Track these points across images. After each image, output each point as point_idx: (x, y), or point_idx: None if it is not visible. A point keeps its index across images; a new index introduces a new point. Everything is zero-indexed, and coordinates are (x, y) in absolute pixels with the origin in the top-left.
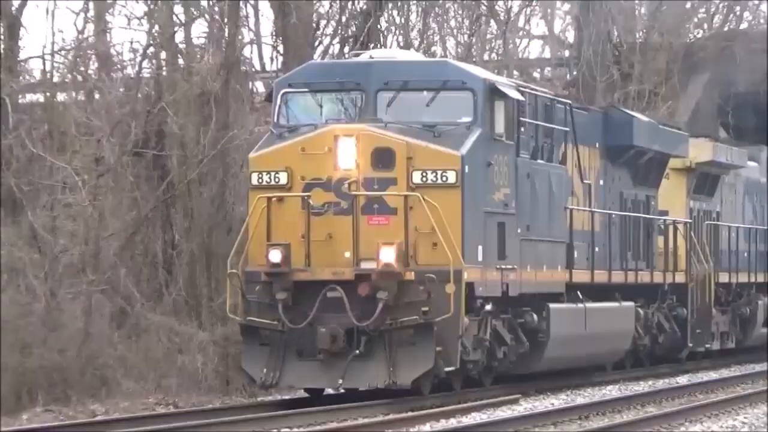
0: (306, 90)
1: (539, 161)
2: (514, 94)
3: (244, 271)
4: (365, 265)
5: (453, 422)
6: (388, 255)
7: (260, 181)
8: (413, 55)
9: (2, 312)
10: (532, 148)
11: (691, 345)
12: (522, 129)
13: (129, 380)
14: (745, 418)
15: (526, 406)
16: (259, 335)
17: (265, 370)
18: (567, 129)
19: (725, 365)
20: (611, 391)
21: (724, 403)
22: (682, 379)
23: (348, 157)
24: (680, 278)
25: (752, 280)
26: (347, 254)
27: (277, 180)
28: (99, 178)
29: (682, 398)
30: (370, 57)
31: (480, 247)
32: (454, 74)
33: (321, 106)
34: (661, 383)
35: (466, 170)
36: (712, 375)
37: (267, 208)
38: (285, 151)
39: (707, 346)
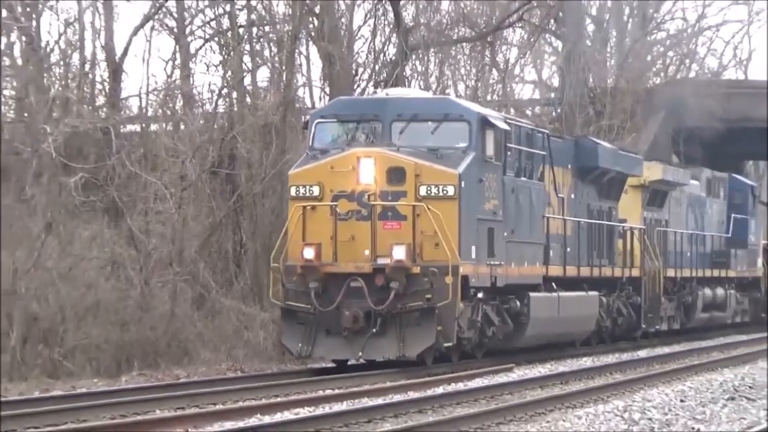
0: (335, 120)
1: (522, 178)
2: (502, 125)
3: (284, 265)
4: (381, 261)
5: (461, 385)
6: (399, 253)
7: (297, 192)
8: (421, 93)
9: (106, 297)
10: (516, 168)
11: (644, 326)
12: (508, 152)
13: (206, 351)
14: (691, 384)
15: (518, 373)
16: (295, 316)
17: (300, 344)
18: (544, 153)
19: (673, 343)
20: (586, 362)
21: (676, 372)
22: (642, 353)
23: (368, 174)
24: (636, 273)
25: (693, 275)
26: (366, 252)
27: (311, 192)
28: (183, 191)
29: (642, 368)
30: (386, 94)
31: (473, 247)
32: (454, 108)
33: (346, 133)
34: (626, 356)
35: (462, 185)
36: (665, 350)
37: (303, 215)
38: (317, 169)
39: (657, 327)
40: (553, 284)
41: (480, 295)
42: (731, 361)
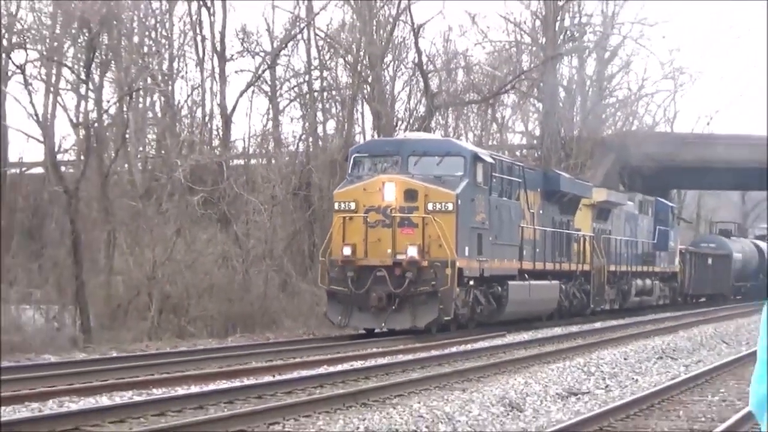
0: (367, 154)
1: (503, 198)
2: (488, 159)
3: (329, 259)
4: (399, 257)
5: (469, 346)
6: (412, 251)
7: (340, 207)
8: (429, 135)
9: (218, 281)
10: (499, 190)
11: (592, 306)
12: (493, 179)
13: (288, 320)
14: (631, 347)
15: (510, 338)
16: (336, 297)
17: (339, 317)
18: (520, 180)
19: (615, 318)
20: (557, 331)
21: (620, 339)
22: (597, 325)
23: (390, 194)
24: (587, 267)
25: (628, 269)
26: (389, 250)
27: (349, 207)
28: (273, 207)
29: (596, 335)
30: (405, 136)
31: (467, 248)
32: (453, 147)
33: (375, 164)
34: (588, 327)
35: (459, 203)
36: (611, 323)
37: (343, 223)
38: (354, 190)
39: (602, 307)
40: (526, 275)
41: (471, 282)
42: (659, 331)
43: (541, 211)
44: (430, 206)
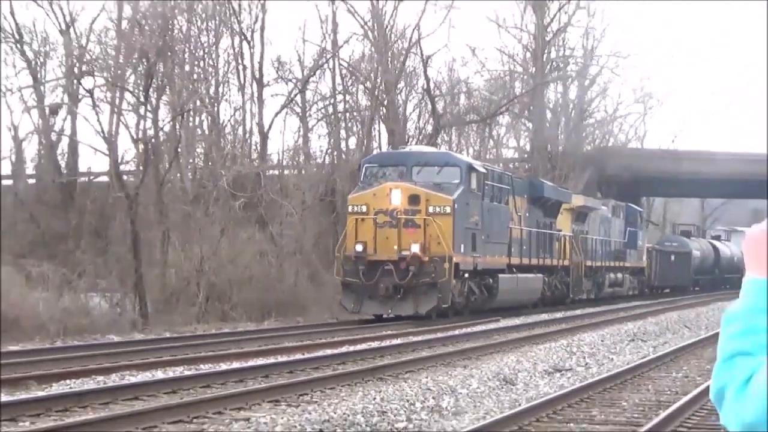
0: (376, 164)
1: (494, 203)
2: (481, 169)
3: (344, 255)
4: (404, 253)
5: (469, 330)
6: (415, 248)
7: (353, 209)
8: (430, 148)
9: (256, 273)
10: (491, 196)
11: (571, 296)
12: (485, 186)
13: (315, 307)
14: (607, 331)
15: (503, 323)
16: (350, 287)
17: (352, 304)
18: (509, 187)
19: (592, 306)
20: (543, 317)
21: (597, 323)
22: (577, 312)
23: (396, 198)
24: (566, 263)
25: (603, 264)
26: (395, 247)
27: (361, 209)
28: (303, 211)
29: (578, 320)
30: (409, 149)
31: (462, 245)
32: (451, 158)
33: (384, 173)
34: (570, 313)
35: (456, 207)
36: (589, 310)
37: (356, 224)
38: (365, 195)
39: (580, 296)
40: (514, 269)
41: (466, 275)
42: (631, 317)
43: (527, 214)
44: (430, 209)
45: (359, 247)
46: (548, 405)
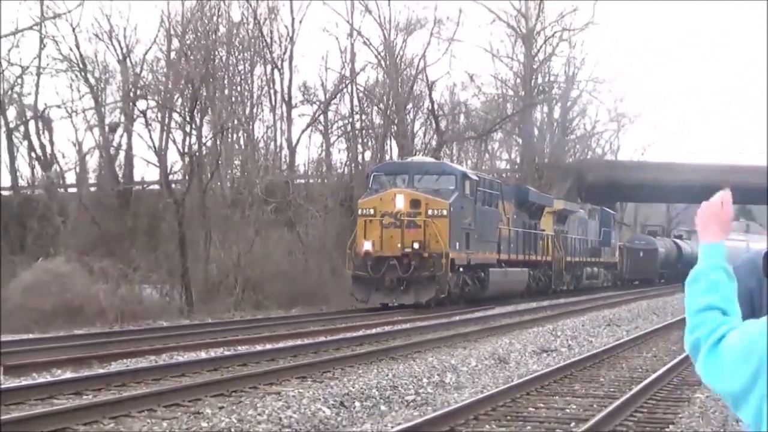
0: (383, 173)
1: (485, 207)
2: (474, 177)
3: (354, 251)
4: (406, 250)
5: (469, 316)
6: (416, 245)
7: (362, 212)
8: (429, 159)
9: (285, 268)
10: (482, 200)
11: (554, 287)
12: (478, 192)
13: (335, 297)
14: (587, 317)
15: (497, 310)
16: (360, 279)
17: (362, 295)
18: (498, 193)
19: (573, 296)
20: (532, 305)
21: (578, 311)
22: (561, 301)
23: (400, 202)
24: (549, 258)
25: (581, 260)
26: (399, 245)
27: (369, 212)
28: (326, 214)
29: (561, 308)
30: (411, 160)
31: (457, 243)
32: (448, 168)
33: (389, 180)
34: (554, 302)
35: (451, 210)
36: (571, 299)
37: (365, 225)
38: (373, 200)
39: (561, 288)
40: (503, 264)
41: (461, 269)
42: (607, 305)
43: (514, 216)
44: (429, 212)
45: (368, 245)
46: (537, 380)
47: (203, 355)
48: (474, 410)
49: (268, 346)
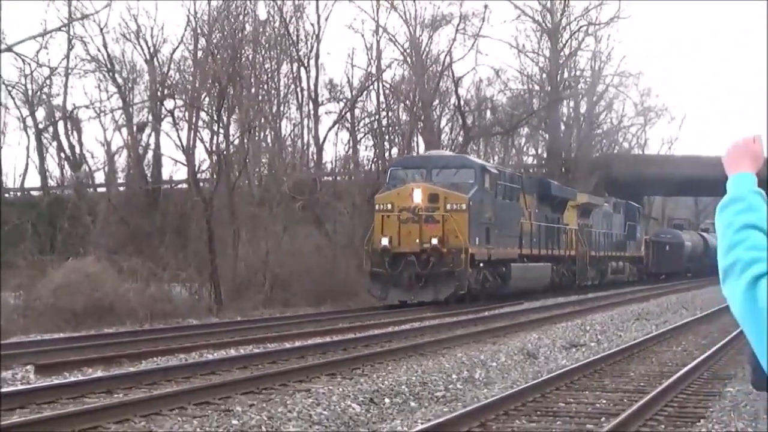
0: (401, 168)
1: (506, 200)
2: (494, 171)
3: (372, 248)
4: (425, 246)
5: (495, 312)
6: (435, 241)
7: (380, 207)
8: (448, 153)
9: (313, 265)
10: (503, 194)
11: (578, 282)
12: (498, 186)
13: (364, 294)
14: (615, 311)
15: (526, 305)
16: (377, 276)
17: (380, 292)
18: (519, 186)
19: (600, 290)
20: (560, 300)
21: (606, 305)
22: (589, 295)
23: (418, 197)
24: (573, 253)
25: (605, 254)
26: (417, 240)
27: (387, 207)
28: (353, 211)
29: (589, 303)
30: (429, 154)
31: (477, 238)
32: (467, 162)
33: (407, 175)
34: (581, 297)
35: (471, 204)
36: (600, 294)
37: (382, 220)
38: (391, 195)
39: (585, 283)
40: (525, 259)
41: (481, 265)
42: (635, 299)
43: (536, 210)
44: (448, 207)
45: (385, 241)
46: (566, 375)
47: (233, 353)
48: (504, 406)
49: (297, 344)
